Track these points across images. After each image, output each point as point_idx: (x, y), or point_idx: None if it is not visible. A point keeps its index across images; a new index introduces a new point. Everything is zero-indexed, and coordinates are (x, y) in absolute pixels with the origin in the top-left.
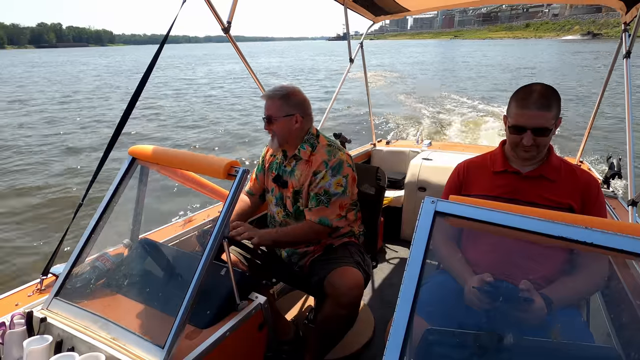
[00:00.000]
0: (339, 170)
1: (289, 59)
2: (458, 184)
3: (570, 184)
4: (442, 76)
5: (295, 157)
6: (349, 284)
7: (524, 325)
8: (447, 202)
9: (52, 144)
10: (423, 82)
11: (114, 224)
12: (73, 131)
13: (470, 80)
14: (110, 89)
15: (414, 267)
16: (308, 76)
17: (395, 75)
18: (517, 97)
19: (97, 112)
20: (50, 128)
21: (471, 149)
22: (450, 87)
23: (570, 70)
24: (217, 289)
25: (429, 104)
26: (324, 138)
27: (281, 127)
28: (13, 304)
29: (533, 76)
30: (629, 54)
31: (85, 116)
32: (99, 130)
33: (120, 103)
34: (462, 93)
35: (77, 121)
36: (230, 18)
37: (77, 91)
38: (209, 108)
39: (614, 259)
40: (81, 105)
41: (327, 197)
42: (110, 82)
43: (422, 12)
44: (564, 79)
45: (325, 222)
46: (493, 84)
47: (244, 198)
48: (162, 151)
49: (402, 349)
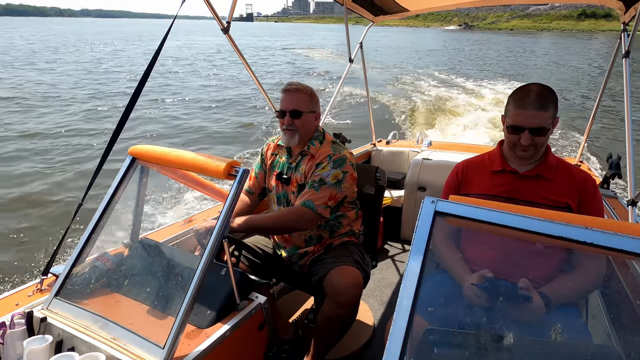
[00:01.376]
0: (341, 165)
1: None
2: (457, 183)
3: (567, 183)
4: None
5: (302, 153)
6: (348, 283)
7: (523, 324)
8: (447, 202)
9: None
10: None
11: (114, 225)
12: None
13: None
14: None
15: (413, 266)
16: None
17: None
18: (514, 97)
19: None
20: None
21: (471, 149)
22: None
23: (453, 53)
24: (217, 289)
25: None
26: (329, 135)
27: (305, 122)
28: (13, 303)
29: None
30: (628, 53)
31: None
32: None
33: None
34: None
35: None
36: (230, 18)
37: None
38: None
39: (614, 258)
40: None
41: (320, 184)
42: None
43: (421, 12)
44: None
45: (309, 205)
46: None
47: (243, 197)
48: (162, 151)
49: (402, 349)
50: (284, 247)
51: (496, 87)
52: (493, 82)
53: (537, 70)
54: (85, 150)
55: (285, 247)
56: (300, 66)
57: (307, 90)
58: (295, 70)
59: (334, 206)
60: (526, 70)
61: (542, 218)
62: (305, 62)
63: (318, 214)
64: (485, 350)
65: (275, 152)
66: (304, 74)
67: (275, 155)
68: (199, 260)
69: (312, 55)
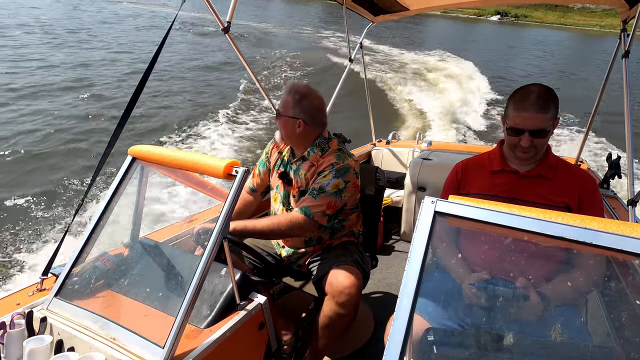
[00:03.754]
0: (343, 174)
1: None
2: (456, 183)
3: (566, 182)
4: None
5: (303, 158)
6: (348, 282)
7: (523, 323)
8: (447, 201)
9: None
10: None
11: (114, 225)
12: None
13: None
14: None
15: (413, 266)
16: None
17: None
18: (514, 99)
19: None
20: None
21: (471, 148)
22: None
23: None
24: (217, 289)
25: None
26: (336, 143)
27: (284, 125)
28: (13, 303)
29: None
30: (628, 53)
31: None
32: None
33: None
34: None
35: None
36: (230, 18)
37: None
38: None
39: (614, 258)
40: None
41: (319, 192)
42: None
43: (422, 12)
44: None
45: (305, 212)
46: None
47: (246, 196)
48: (162, 151)
49: (402, 349)
50: (283, 247)
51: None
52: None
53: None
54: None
55: (284, 247)
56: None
57: (294, 95)
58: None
59: (333, 214)
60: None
61: (541, 218)
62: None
63: (315, 221)
64: (485, 350)
65: (280, 150)
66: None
67: (280, 154)
68: (199, 260)
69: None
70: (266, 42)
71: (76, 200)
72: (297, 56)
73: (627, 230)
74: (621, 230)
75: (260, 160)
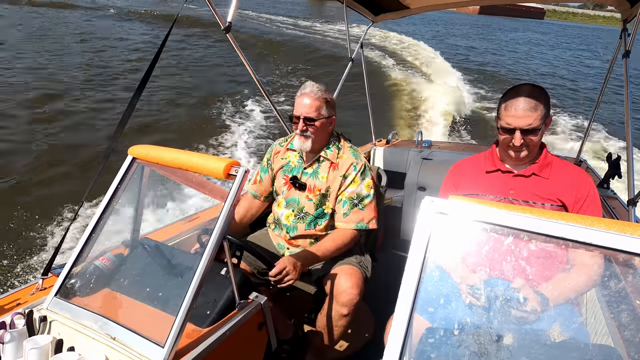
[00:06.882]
0: (367, 173)
1: None
2: (453, 184)
3: (562, 181)
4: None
5: (319, 159)
6: (348, 282)
7: (522, 323)
8: (447, 201)
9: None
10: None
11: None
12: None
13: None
14: None
15: (413, 266)
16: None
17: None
18: (505, 99)
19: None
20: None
21: (471, 148)
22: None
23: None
24: (217, 289)
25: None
26: (343, 138)
27: (321, 127)
28: (14, 303)
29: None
30: (628, 53)
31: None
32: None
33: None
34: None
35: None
36: (231, 18)
37: None
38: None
39: (614, 258)
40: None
41: (361, 200)
42: None
43: (422, 11)
44: None
45: (362, 227)
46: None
47: (250, 202)
48: (162, 151)
49: (402, 349)
50: (287, 249)
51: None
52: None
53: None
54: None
55: (289, 249)
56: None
57: (321, 96)
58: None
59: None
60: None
61: (542, 218)
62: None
63: (369, 229)
64: (485, 350)
65: (284, 156)
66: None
67: (284, 159)
68: (199, 260)
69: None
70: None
71: (76, 201)
72: (296, 58)
73: (627, 230)
74: (621, 230)
75: (261, 167)
